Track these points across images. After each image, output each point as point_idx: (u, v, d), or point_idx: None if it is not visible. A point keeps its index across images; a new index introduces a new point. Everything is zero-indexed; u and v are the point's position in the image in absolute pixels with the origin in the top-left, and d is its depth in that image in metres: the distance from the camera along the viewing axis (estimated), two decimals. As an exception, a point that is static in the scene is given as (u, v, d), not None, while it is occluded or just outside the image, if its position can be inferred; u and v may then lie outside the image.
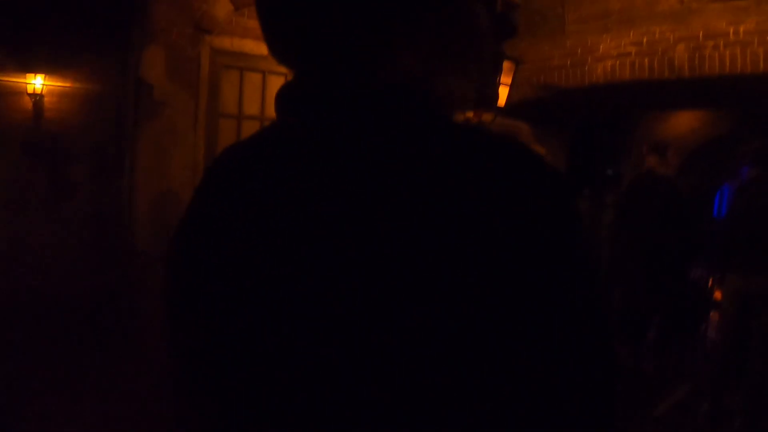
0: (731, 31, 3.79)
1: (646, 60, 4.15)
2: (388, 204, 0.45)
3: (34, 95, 5.26)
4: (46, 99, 5.33)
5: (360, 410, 0.45)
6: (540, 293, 0.43)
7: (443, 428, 0.44)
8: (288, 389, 0.48)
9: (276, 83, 4.61)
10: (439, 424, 0.44)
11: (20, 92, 5.26)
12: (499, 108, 4.39)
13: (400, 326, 0.44)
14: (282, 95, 0.57)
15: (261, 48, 4.57)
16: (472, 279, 0.43)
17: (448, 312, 0.43)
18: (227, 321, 0.51)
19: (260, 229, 0.51)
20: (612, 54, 4.32)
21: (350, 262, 0.45)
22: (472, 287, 0.43)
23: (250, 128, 4.60)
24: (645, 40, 4.16)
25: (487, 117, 4.16)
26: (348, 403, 0.45)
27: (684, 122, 7.13)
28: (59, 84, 5.36)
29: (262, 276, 0.49)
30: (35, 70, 5.23)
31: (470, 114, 3.95)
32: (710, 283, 5.06)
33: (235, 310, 0.51)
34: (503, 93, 4.37)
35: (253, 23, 4.47)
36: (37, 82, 5.24)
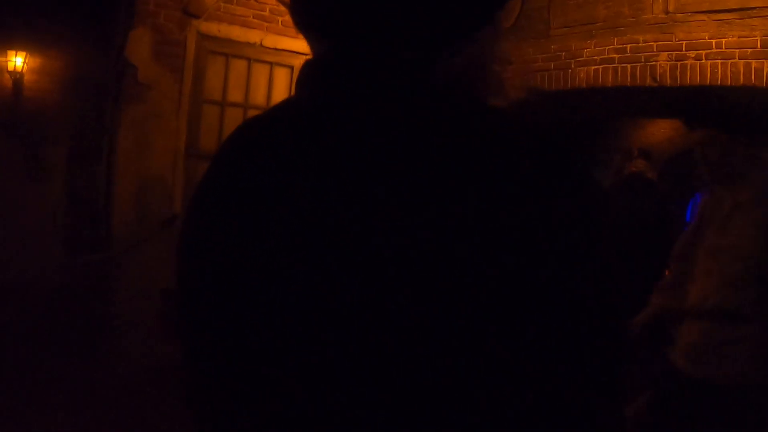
0: (713, 43, 3.87)
1: (629, 67, 4.21)
2: (407, 191, 0.45)
3: (14, 73, 5.15)
4: (26, 78, 5.22)
5: (360, 410, 0.45)
6: (540, 294, 0.43)
7: (443, 428, 0.44)
8: (286, 388, 0.47)
9: (261, 71, 4.59)
10: (440, 424, 0.44)
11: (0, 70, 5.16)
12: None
13: (399, 326, 0.43)
14: (322, 70, 0.53)
15: (248, 35, 4.53)
16: (472, 277, 0.43)
17: (449, 311, 0.43)
18: (225, 312, 0.50)
19: (271, 217, 0.49)
20: (595, 60, 4.38)
21: (368, 253, 0.45)
22: (475, 285, 0.43)
23: (233, 115, 4.57)
24: (629, 47, 4.22)
25: None
26: (348, 403, 0.45)
27: (661, 130, 7.23)
28: (40, 61, 5.27)
29: (264, 267, 0.48)
30: (16, 48, 5.13)
31: None
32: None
33: (231, 300, 0.50)
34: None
35: (241, 10, 4.45)
36: (17, 60, 5.15)
